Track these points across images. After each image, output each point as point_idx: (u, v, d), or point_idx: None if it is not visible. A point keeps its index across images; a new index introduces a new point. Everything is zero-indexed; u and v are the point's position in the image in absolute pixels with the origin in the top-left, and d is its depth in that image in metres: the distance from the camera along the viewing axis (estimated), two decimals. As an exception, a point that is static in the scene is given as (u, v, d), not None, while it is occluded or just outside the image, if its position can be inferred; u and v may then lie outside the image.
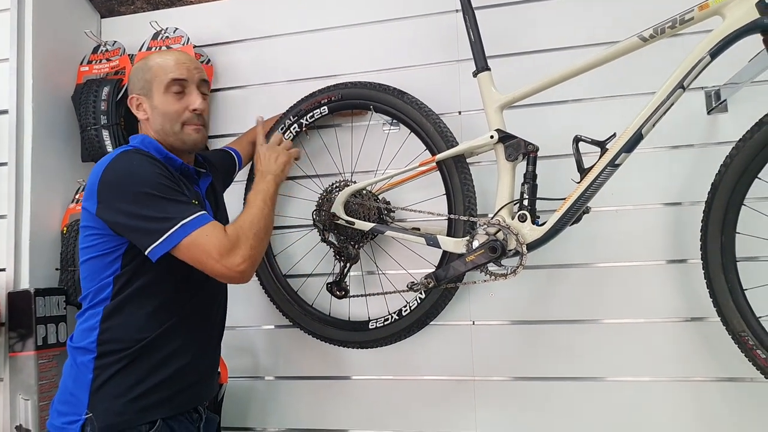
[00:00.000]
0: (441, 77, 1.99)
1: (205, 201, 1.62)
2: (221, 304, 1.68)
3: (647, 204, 1.83)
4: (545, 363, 1.86)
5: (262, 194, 1.57)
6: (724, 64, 1.46)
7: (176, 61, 1.55)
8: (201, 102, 1.55)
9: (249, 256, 1.40)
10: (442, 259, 1.77)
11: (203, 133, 1.59)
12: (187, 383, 1.50)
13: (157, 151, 1.51)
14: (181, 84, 1.53)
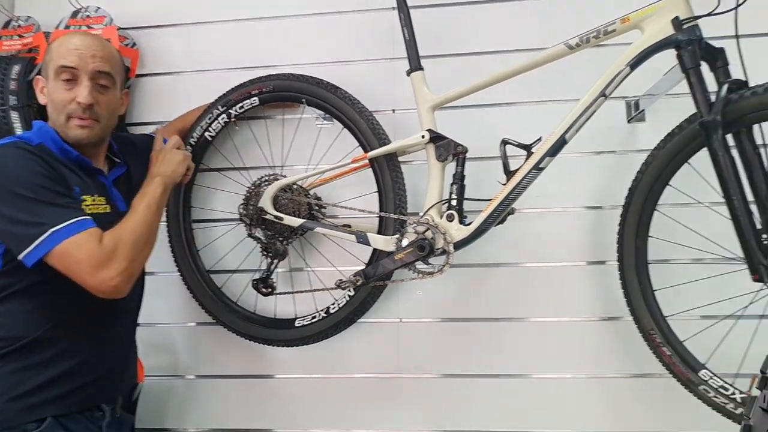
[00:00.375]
0: (376, 74, 1.98)
1: (113, 191, 1.54)
2: (130, 301, 1.58)
3: (570, 207, 1.89)
4: (471, 360, 1.90)
5: (147, 198, 1.47)
6: (643, 75, 1.53)
7: (73, 46, 1.43)
8: (87, 95, 1.42)
9: (124, 269, 1.33)
10: (372, 256, 1.76)
11: (92, 130, 1.46)
12: (82, 382, 1.43)
13: (53, 142, 1.42)
14: (71, 72, 1.43)
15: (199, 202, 2.00)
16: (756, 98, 1.31)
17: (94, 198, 1.45)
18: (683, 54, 1.38)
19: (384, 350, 1.93)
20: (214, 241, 2.01)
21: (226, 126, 1.89)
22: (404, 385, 1.92)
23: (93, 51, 1.45)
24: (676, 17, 1.39)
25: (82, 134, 1.45)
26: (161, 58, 2.08)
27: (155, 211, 1.46)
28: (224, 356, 2.00)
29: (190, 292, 1.93)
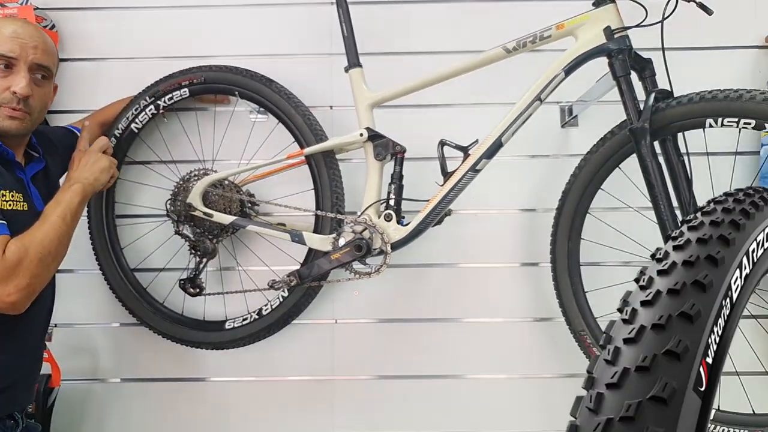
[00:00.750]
0: (314, 69, 1.93)
1: (31, 187, 1.44)
2: (43, 302, 1.48)
3: (505, 209, 1.92)
4: (406, 361, 1.89)
5: (62, 207, 1.35)
6: (578, 81, 1.57)
7: (13, 34, 1.35)
8: (25, 86, 1.35)
9: (26, 285, 1.25)
10: (307, 256, 1.72)
11: (23, 123, 1.39)
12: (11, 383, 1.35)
13: None
14: (8, 60, 1.35)
15: (123, 196, 1.89)
16: (681, 108, 1.36)
17: (12, 194, 1.34)
18: (614, 62, 1.43)
19: (318, 352, 1.90)
20: (139, 239, 1.91)
21: (154, 118, 1.80)
22: (337, 387, 1.89)
23: (35, 42, 1.38)
24: (607, 27, 1.43)
25: (12, 125, 1.37)
26: (83, 43, 1.95)
27: (69, 222, 1.35)
28: (150, 359, 1.91)
29: (113, 292, 1.82)
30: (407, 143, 1.62)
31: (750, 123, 1.26)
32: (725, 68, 1.89)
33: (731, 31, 1.89)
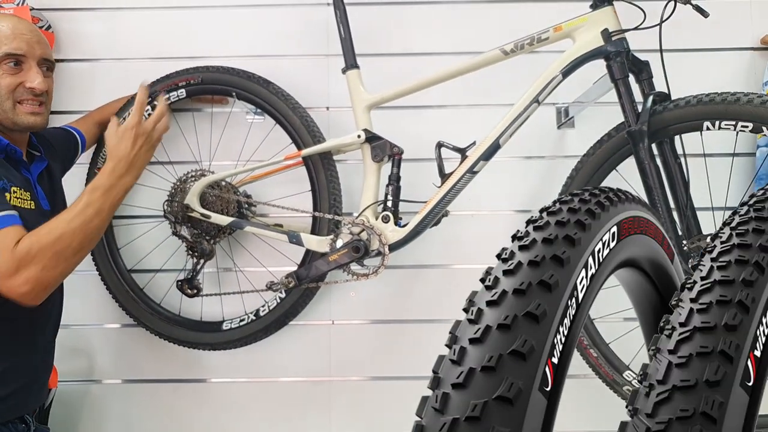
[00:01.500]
0: (310, 71, 1.93)
1: (37, 187, 1.44)
2: (53, 302, 1.48)
3: (501, 210, 1.92)
4: (402, 362, 1.89)
5: (96, 193, 1.28)
6: (574, 82, 1.57)
7: (17, 31, 1.35)
8: (41, 81, 1.36)
9: (36, 279, 1.20)
10: (305, 257, 1.72)
11: (44, 117, 1.41)
12: (7, 391, 1.33)
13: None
14: (17, 58, 1.35)
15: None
16: (678, 111, 1.37)
17: (21, 191, 1.34)
18: (612, 65, 1.43)
19: (315, 353, 1.90)
20: (136, 239, 1.91)
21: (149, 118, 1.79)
22: (334, 388, 1.90)
23: (36, 37, 1.39)
24: (605, 29, 1.43)
25: (36, 120, 1.39)
26: (79, 44, 1.94)
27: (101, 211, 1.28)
28: (147, 360, 1.90)
29: (110, 292, 1.82)
30: (404, 144, 1.62)
31: (747, 126, 1.27)
32: (721, 70, 1.90)
33: (727, 32, 1.90)
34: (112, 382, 1.91)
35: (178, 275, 1.83)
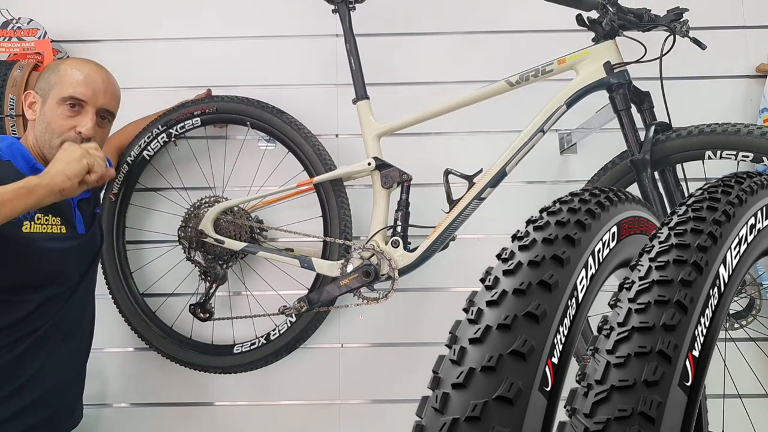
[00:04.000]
0: (320, 99, 1.99)
1: (76, 211, 1.48)
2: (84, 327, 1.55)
3: (505, 234, 1.94)
4: (411, 385, 1.89)
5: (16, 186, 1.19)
6: (576, 109, 1.62)
7: (87, 78, 1.42)
8: (90, 128, 1.41)
9: None
10: (315, 281, 1.76)
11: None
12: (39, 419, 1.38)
13: (24, 159, 1.38)
14: (78, 102, 1.41)
15: (133, 222, 1.93)
16: (680, 140, 1.41)
17: (47, 217, 1.38)
18: (615, 96, 1.48)
19: (325, 376, 1.92)
20: (148, 263, 1.94)
21: (165, 145, 1.84)
22: (343, 411, 1.91)
23: (105, 87, 1.44)
24: (607, 62, 1.48)
25: None
26: None
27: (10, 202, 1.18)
28: (158, 384, 1.92)
29: (123, 316, 1.85)
30: (412, 170, 1.66)
31: (748, 156, 1.32)
32: (719, 97, 1.96)
33: (724, 61, 1.97)
34: (123, 406, 1.92)
35: (189, 299, 1.86)
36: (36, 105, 1.43)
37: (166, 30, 2.02)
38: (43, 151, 1.41)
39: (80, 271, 1.49)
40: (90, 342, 1.60)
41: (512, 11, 2.01)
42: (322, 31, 2.00)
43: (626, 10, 1.49)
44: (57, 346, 1.42)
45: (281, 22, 2.02)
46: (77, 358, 1.54)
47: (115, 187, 1.82)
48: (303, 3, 1.98)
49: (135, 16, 2.03)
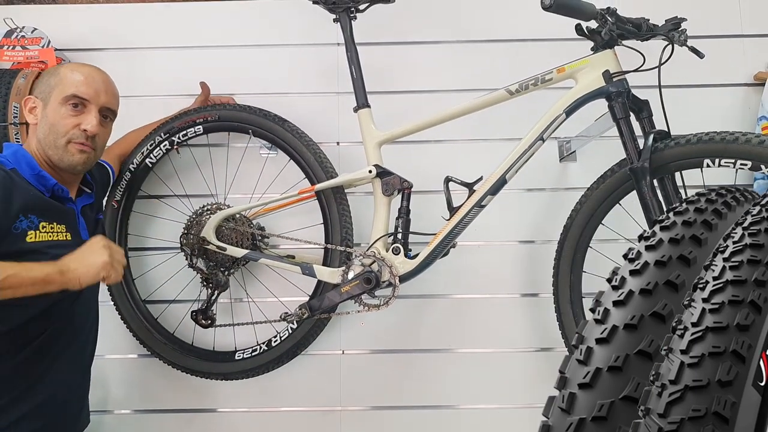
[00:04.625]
0: (321, 107, 2.01)
1: (80, 218, 1.50)
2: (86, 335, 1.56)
3: (505, 241, 1.97)
4: (412, 392, 1.92)
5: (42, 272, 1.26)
6: (575, 117, 1.63)
7: (88, 78, 1.45)
8: (95, 125, 1.43)
9: None
10: (317, 288, 1.76)
11: (89, 157, 1.46)
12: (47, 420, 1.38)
13: (29, 167, 1.39)
14: (81, 101, 1.43)
15: (136, 229, 1.94)
16: (679, 149, 1.43)
17: (53, 225, 1.40)
18: (614, 105, 1.50)
19: (326, 382, 1.93)
20: (151, 270, 1.95)
21: (168, 153, 1.85)
22: (344, 417, 1.92)
23: (105, 86, 1.48)
24: (606, 70, 1.50)
25: (80, 159, 1.44)
26: None
27: (29, 285, 1.24)
28: (160, 390, 1.93)
29: (125, 322, 1.86)
30: (412, 177, 1.67)
31: (746, 164, 1.33)
32: (717, 105, 1.98)
33: (722, 70, 1.98)
34: (125, 412, 1.93)
35: (191, 306, 1.87)
36: (37, 109, 1.44)
37: (168, 38, 2.04)
38: (47, 153, 1.42)
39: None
40: (94, 347, 1.61)
41: (512, 20, 2.03)
42: (324, 40, 2.02)
43: (625, 20, 1.51)
44: (61, 351, 1.43)
45: (283, 31, 2.04)
46: (81, 362, 1.55)
47: (117, 194, 1.83)
48: (304, 12, 2.00)
49: (137, 25, 2.05)
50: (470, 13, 2.04)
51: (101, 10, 2.07)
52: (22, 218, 1.32)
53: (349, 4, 1.70)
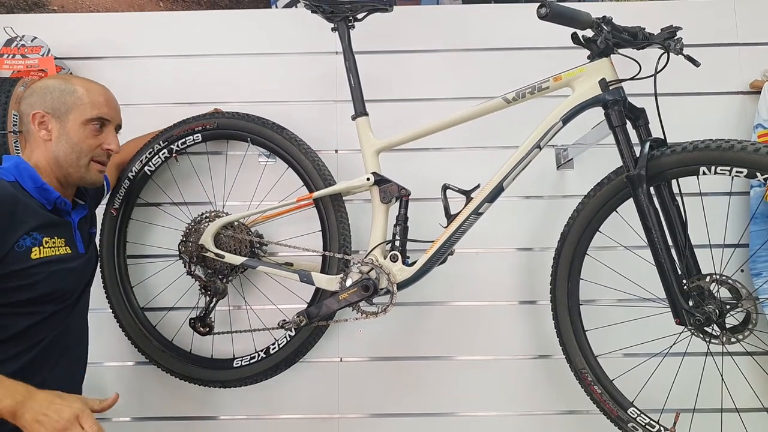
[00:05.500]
0: (319, 115, 2.02)
1: (76, 232, 1.50)
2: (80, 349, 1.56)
3: (503, 248, 1.97)
4: (410, 399, 1.92)
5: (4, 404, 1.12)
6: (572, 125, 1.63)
7: (107, 98, 1.50)
8: (117, 145, 1.50)
9: None
10: (315, 296, 1.76)
11: (103, 176, 1.54)
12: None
13: (31, 180, 1.40)
14: (103, 122, 1.47)
15: (134, 236, 1.94)
16: (675, 156, 1.43)
17: (54, 240, 1.41)
18: (610, 113, 1.50)
19: (324, 390, 1.93)
20: (149, 278, 1.95)
21: (167, 161, 1.86)
22: (342, 425, 1.92)
23: (117, 104, 1.54)
24: (603, 79, 1.50)
25: (99, 177, 1.51)
26: None
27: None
28: (158, 398, 1.93)
29: (123, 330, 1.86)
30: (410, 185, 1.67)
31: (742, 172, 1.33)
32: (714, 113, 1.99)
33: (718, 78, 2.00)
34: (123, 420, 1.92)
35: (189, 313, 1.87)
36: (49, 125, 1.43)
37: (167, 47, 2.06)
38: (67, 170, 1.45)
39: (80, 289, 1.51)
40: (86, 359, 1.61)
41: (509, 29, 2.04)
42: (322, 48, 2.03)
43: (621, 29, 1.52)
44: (58, 361, 1.44)
45: (281, 39, 2.06)
46: (76, 373, 1.55)
47: (116, 202, 1.83)
48: (303, 21, 2.02)
49: (137, 34, 2.06)
50: (467, 22, 2.05)
51: (101, 19, 2.08)
52: (25, 236, 1.33)
53: (347, 13, 1.71)
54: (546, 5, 1.39)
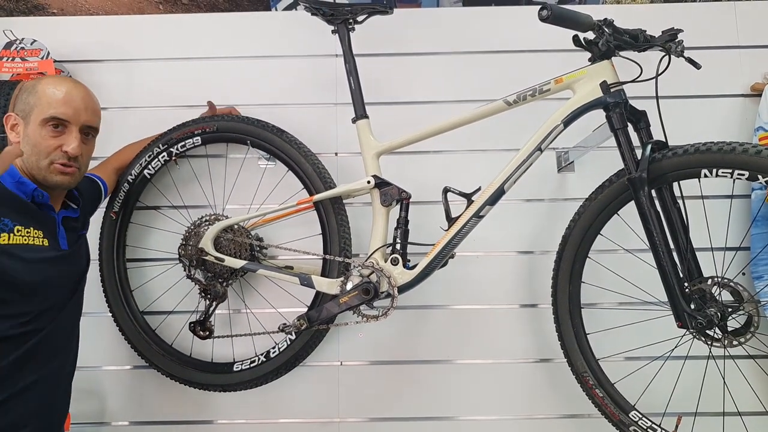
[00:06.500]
0: (319, 118, 2.01)
1: (60, 228, 1.48)
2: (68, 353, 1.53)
3: (504, 251, 1.97)
4: (410, 403, 1.91)
5: None
6: (573, 128, 1.63)
7: (66, 97, 1.42)
8: (76, 147, 1.42)
9: None
10: (315, 299, 1.76)
11: (73, 177, 1.46)
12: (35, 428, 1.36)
13: (9, 175, 1.39)
14: (61, 122, 1.42)
15: (134, 240, 1.93)
16: (677, 159, 1.43)
17: (29, 230, 1.38)
18: (612, 116, 1.50)
19: (324, 393, 1.92)
20: (149, 281, 1.95)
21: (166, 164, 1.85)
22: (344, 428, 1.91)
23: (84, 104, 1.45)
24: (604, 81, 1.50)
25: (64, 180, 1.44)
26: (98, 93, 1.91)
27: None
28: (158, 402, 1.92)
29: (123, 333, 1.85)
30: (411, 188, 1.67)
31: (744, 174, 1.33)
32: (715, 115, 1.99)
33: (719, 80, 1.99)
34: (122, 424, 1.91)
35: (189, 317, 1.86)
36: (18, 127, 1.42)
37: (167, 50, 2.05)
38: (32, 172, 1.42)
39: (65, 288, 1.48)
40: (74, 366, 1.58)
41: (510, 32, 2.04)
42: (322, 51, 2.03)
43: (622, 31, 1.51)
44: (43, 365, 1.40)
45: (281, 42, 2.05)
46: (61, 379, 1.51)
47: (115, 206, 1.83)
48: (303, 23, 2.02)
49: (136, 37, 2.06)
50: (468, 25, 2.05)
51: (100, 21, 2.08)
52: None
53: (347, 15, 1.71)
54: (547, 8, 1.39)
